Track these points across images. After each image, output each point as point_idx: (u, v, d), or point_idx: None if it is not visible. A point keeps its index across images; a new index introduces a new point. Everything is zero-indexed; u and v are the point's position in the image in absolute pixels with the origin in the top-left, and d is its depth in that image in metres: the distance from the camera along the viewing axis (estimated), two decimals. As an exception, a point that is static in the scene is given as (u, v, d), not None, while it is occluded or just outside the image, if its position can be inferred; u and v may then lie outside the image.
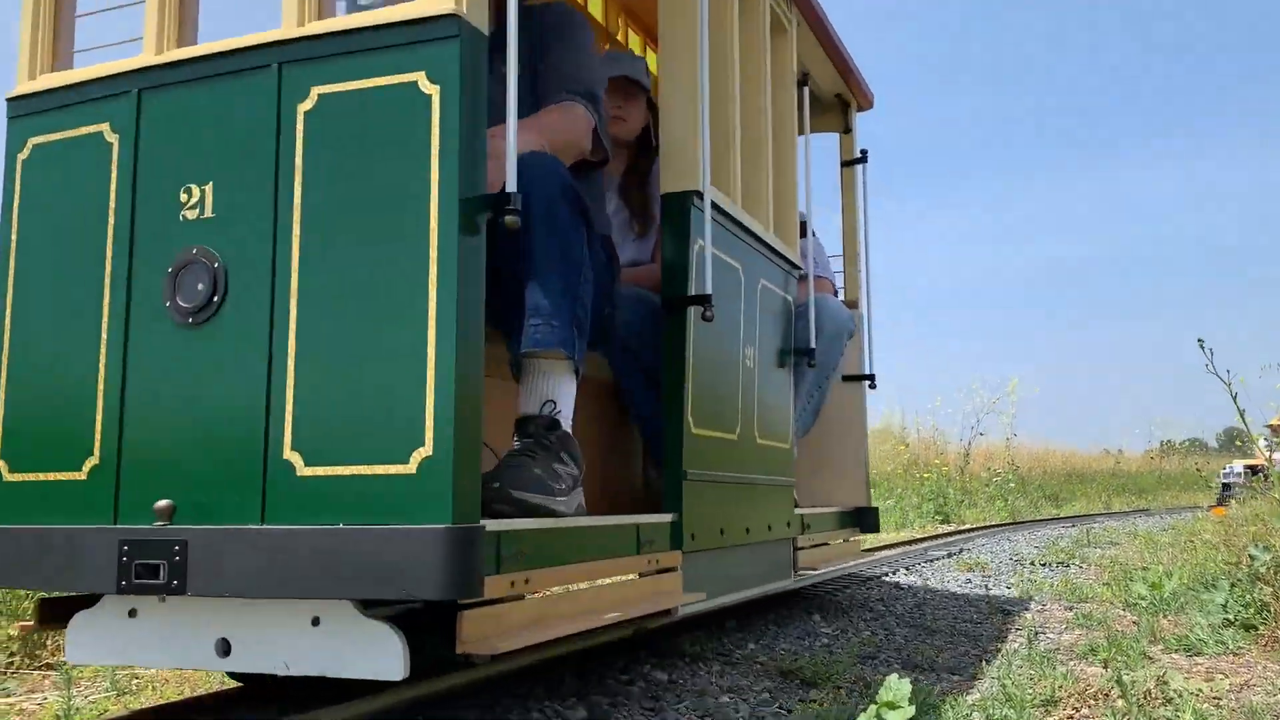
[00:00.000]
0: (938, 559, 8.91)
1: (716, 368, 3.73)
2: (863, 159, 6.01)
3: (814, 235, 5.40)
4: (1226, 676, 3.81)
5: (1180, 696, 3.35)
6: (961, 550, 9.72)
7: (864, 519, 5.84)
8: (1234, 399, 5.25)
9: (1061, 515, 17.63)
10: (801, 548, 4.79)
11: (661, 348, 3.55)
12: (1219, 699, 3.43)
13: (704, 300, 3.43)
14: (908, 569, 8.10)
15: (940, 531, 12.86)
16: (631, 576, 3.32)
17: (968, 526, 13.97)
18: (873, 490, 15.42)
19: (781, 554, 4.62)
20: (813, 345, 4.70)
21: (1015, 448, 21.29)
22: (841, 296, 5.80)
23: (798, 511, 4.72)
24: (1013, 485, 18.69)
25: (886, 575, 7.65)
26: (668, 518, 3.40)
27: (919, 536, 11.84)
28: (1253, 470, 22.84)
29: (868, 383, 5.75)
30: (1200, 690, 3.52)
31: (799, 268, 4.72)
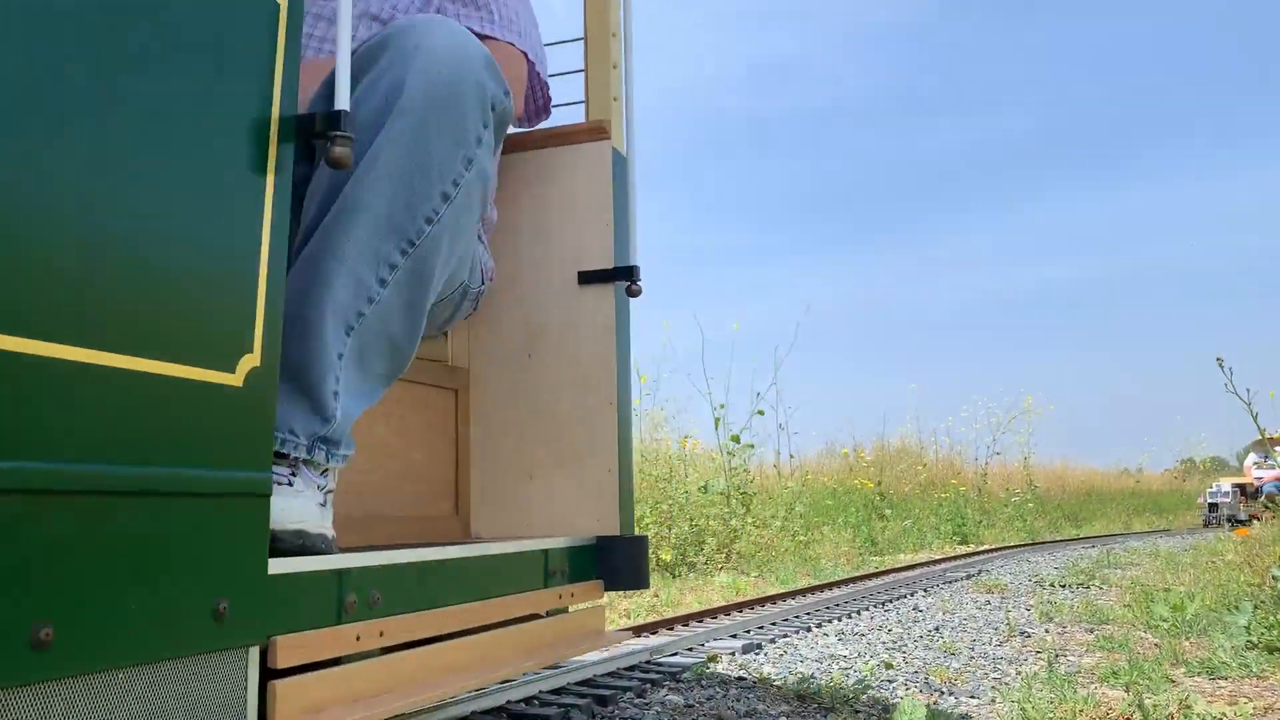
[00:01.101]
0: (956, 580, 8.84)
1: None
2: None
3: None
4: (1250, 700, 3.75)
5: (1204, 721, 3.30)
6: (980, 571, 9.64)
7: (613, 561, 2.96)
8: (1254, 418, 5.20)
9: (1081, 535, 17.47)
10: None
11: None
12: (1243, 723, 3.38)
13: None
14: (926, 590, 8.04)
15: (959, 552, 12.77)
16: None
17: (986, 547, 13.86)
18: (890, 511, 15.27)
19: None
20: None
21: (1033, 467, 21.16)
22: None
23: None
24: (1031, 505, 18.56)
25: (905, 597, 7.59)
26: None
27: (937, 558, 11.76)
28: (1241, 490, 21.40)
29: (623, 285, 3.11)
30: (1224, 714, 3.47)
31: None
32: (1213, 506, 22.20)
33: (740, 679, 4.42)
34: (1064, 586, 8.19)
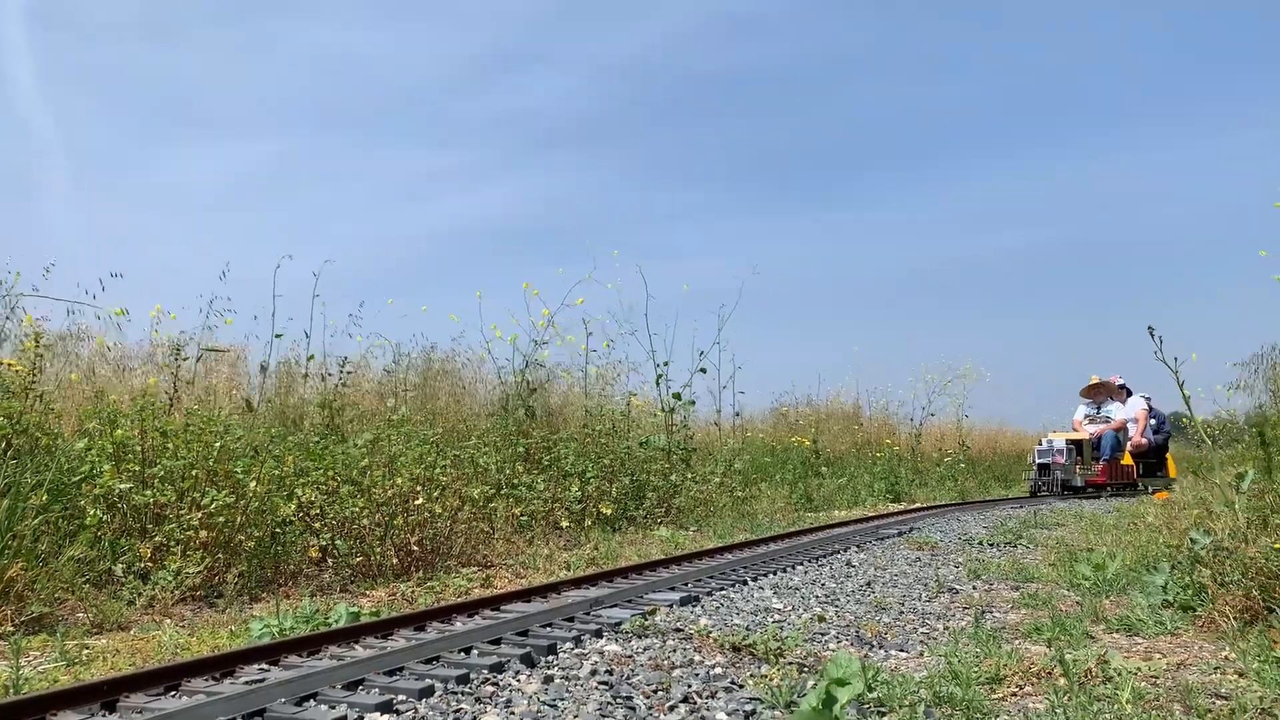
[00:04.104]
0: (889, 537, 9.04)
1: None
2: None
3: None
4: (1164, 656, 3.92)
5: (1120, 675, 3.45)
6: (912, 529, 9.86)
7: None
8: (1180, 385, 5.37)
9: (1010, 496, 17.93)
10: None
11: None
12: (1156, 678, 3.53)
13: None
14: (859, 547, 8.21)
15: (891, 510, 13.04)
16: None
17: (918, 506, 14.17)
18: (826, 469, 15.53)
19: None
20: None
21: (966, 430, 21.56)
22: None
23: None
24: (963, 466, 18.96)
25: (839, 553, 7.75)
26: None
27: (870, 515, 12.00)
28: (1078, 448, 17.00)
29: None
30: (1139, 669, 3.62)
31: None
32: (1043, 469, 17.21)
33: (678, 630, 4.50)
34: (992, 545, 8.42)
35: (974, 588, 5.99)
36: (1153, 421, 18.28)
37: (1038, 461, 17.34)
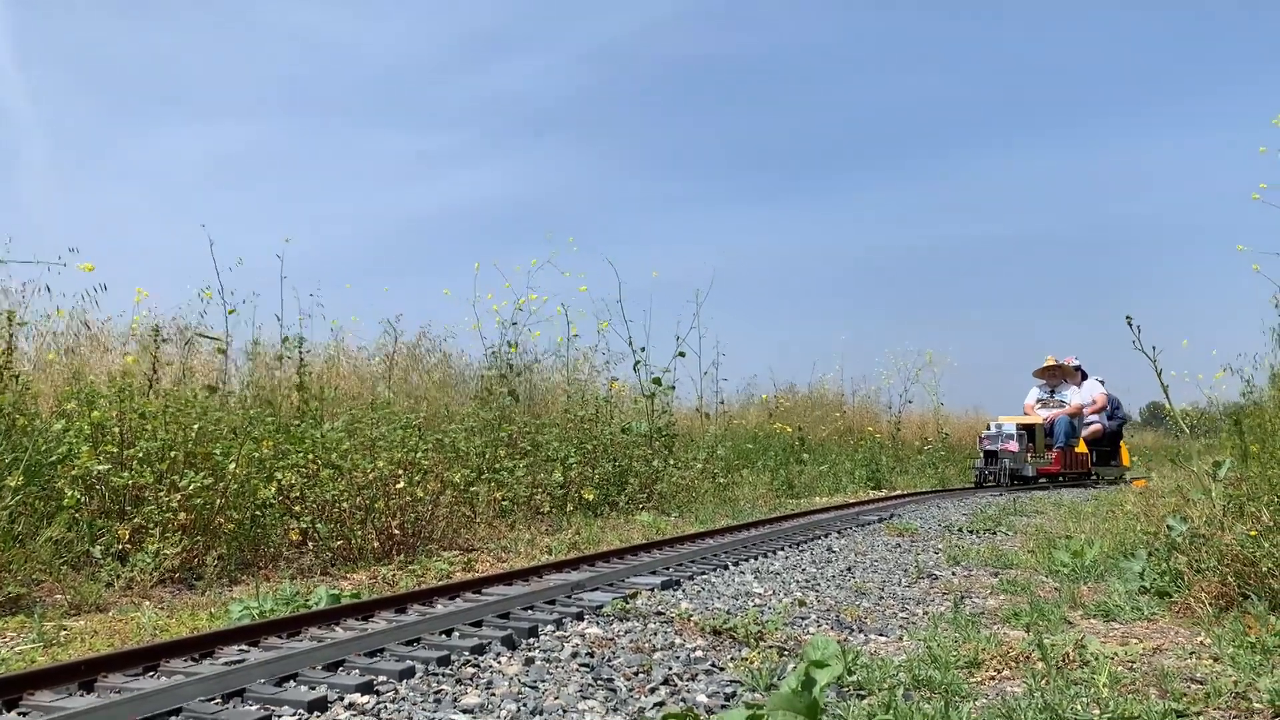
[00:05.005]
0: (870, 523, 9.08)
1: None
2: None
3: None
4: (1141, 641, 3.95)
5: (1097, 660, 3.48)
6: (892, 515, 9.90)
7: None
8: (1159, 375, 5.41)
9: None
10: None
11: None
12: (1133, 662, 3.56)
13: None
14: (840, 533, 8.25)
15: (872, 497, 13.09)
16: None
17: (899, 493, 14.21)
18: (808, 455, 15.57)
19: None
20: None
21: (944, 417, 21.61)
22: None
23: None
24: (943, 454, 19.05)
25: (819, 538, 7.78)
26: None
27: (851, 501, 12.04)
28: (1030, 434, 15.36)
29: None
30: (1116, 654, 3.65)
31: None
32: (990, 456, 15.29)
33: (659, 614, 4.51)
34: (971, 532, 8.47)
35: (953, 573, 6.03)
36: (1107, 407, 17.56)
37: (985, 448, 15.53)
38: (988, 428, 15.83)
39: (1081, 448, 16.79)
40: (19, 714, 2.98)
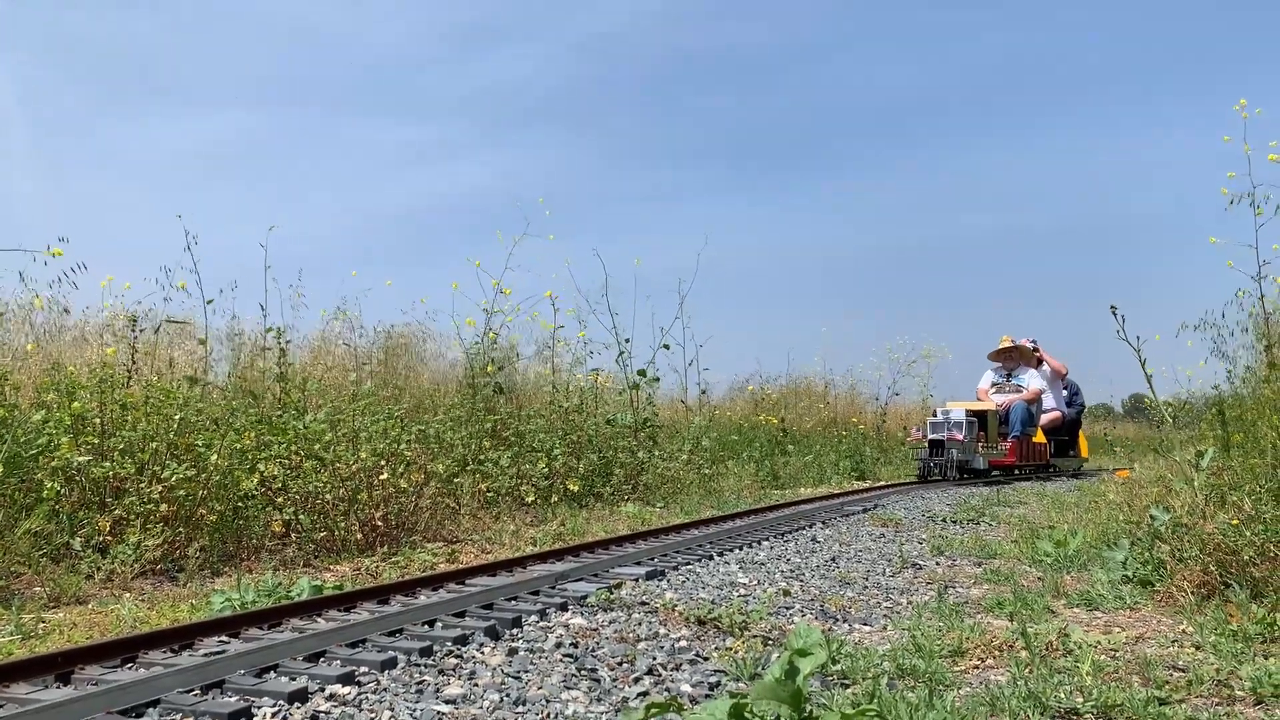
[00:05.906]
0: (854, 514, 9.09)
1: None
2: None
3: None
4: (1123, 630, 3.97)
5: (1080, 648, 3.48)
6: (877, 506, 9.92)
7: None
8: (1143, 364, 5.42)
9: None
10: None
11: None
12: (1116, 651, 3.57)
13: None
14: (824, 523, 8.25)
15: (856, 488, 13.11)
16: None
17: (883, 484, 14.24)
18: (792, 447, 15.61)
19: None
20: None
21: (930, 409, 21.61)
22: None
23: None
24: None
25: (804, 529, 7.78)
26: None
27: (835, 492, 12.06)
28: (981, 422, 14.19)
29: None
30: (1099, 643, 3.66)
31: None
32: (936, 446, 13.75)
33: (643, 604, 4.50)
34: (955, 522, 8.49)
35: (937, 563, 6.04)
36: (1065, 393, 16.56)
37: (929, 437, 13.97)
38: (934, 414, 14.48)
39: (1040, 437, 15.81)
40: (-5, 706, 2.95)
